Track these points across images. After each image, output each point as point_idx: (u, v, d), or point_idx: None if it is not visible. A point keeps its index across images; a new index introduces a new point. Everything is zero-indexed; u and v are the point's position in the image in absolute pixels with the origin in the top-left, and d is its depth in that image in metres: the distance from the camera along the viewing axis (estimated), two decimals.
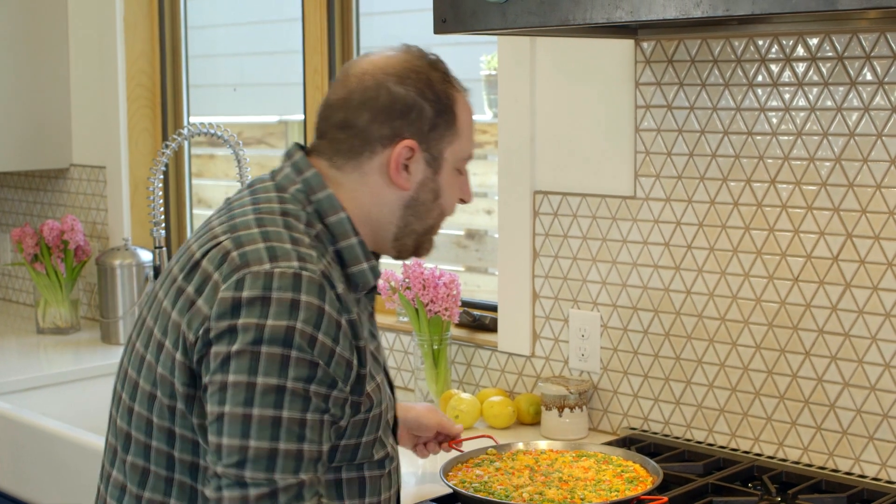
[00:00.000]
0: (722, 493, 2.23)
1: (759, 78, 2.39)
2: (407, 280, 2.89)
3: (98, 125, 4.06)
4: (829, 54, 2.29)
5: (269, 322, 1.61)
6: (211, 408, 1.63)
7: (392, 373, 3.15)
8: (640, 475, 2.21)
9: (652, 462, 2.25)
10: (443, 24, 2.26)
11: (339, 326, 1.66)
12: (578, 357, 2.74)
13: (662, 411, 2.61)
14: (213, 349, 1.63)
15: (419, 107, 1.80)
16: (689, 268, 2.53)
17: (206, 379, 1.64)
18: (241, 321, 1.62)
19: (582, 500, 2.09)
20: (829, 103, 2.30)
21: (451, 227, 3.92)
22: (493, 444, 2.38)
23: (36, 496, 2.96)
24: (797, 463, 2.39)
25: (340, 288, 1.71)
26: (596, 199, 2.68)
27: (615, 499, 2.08)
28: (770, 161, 2.39)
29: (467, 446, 2.38)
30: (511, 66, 2.82)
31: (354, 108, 1.80)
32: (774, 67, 2.36)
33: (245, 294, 1.63)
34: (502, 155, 2.86)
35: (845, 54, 2.27)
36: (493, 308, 3.02)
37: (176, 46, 4.04)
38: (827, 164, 2.31)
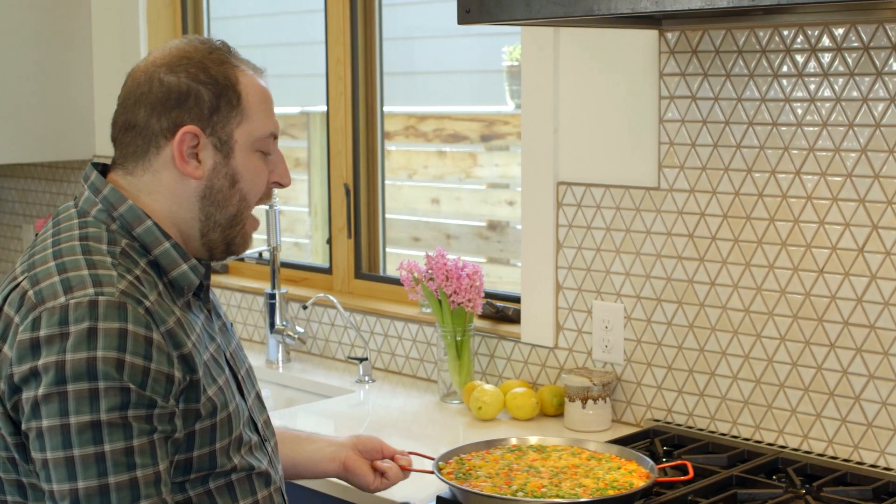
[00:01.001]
0: (746, 486, 2.23)
1: (785, 68, 2.37)
2: (430, 271, 2.89)
3: None
4: (855, 44, 2.27)
5: (69, 357, 1.55)
6: (35, 455, 1.58)
7: (415, 364, 3.15)
8: (627, 469, 2.21)
9: (651, 462, 2.21)
10: (467, 15, 2.25)
11: (149, 342, 1.60)
12: (602, 348, 2.74)
13: (686, 403, 2.60)
14: (23, 395, 1.58)
15: (195, 92, 1.74)
16: (714, 259, 2.52)
17: (23, 427, 1.59)
18: (41, 362, 1.56)
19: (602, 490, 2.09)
20: (854, 94, 2.28)
21: (473, 219, 3.92)
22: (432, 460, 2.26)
23: None
24: (822, 455, 2.38)
25: (152, 300, 1.65)
26: (620, 190, 2.67)
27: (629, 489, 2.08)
28: (795, 152, 2.38)
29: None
30: (534, 56, 2.81)
31: (131, 107, 1.76)
32: (800, 58, 2.35)
33: (42, 333, 1.58)
34: (525, 146, 2.85)
35: (871, 44, 2.25)
36: (517, 299, 3.02)
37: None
38: (853, 154, 2.30)
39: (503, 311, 3.02)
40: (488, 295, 3.06)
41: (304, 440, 2.16)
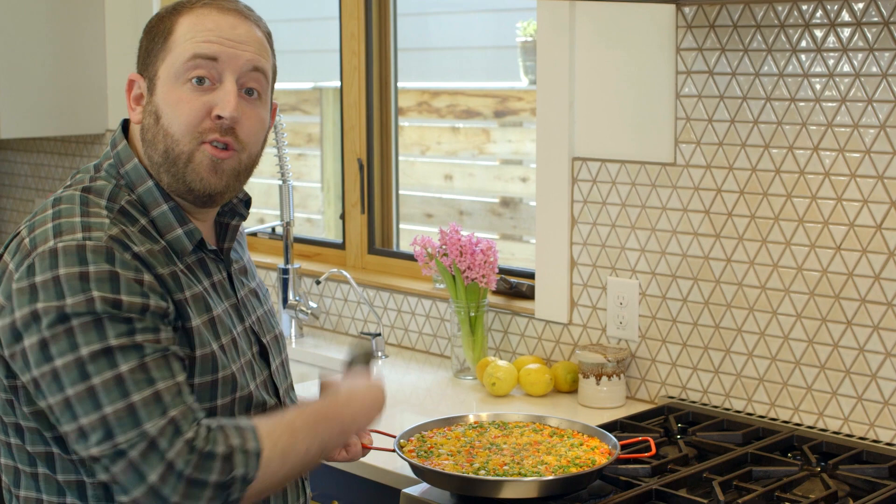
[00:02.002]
0: (761, 463, 2.22)
1: (803, 43, 2.35)
2: (444, 247, 2.88)
3: None
4: (875, 19, 2.25)
5: (69, 300, 1.58)
6: (52, 399, 1.61)
7: (428, 340, 3.14)
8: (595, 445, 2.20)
9: (614, 439, 2.18)
10: None
11: (140, 283, 1.63)
12: (616, 325, 2.72)
13: (701, 380, 2.59)
14: (26, 342, 1.61)
15: (141, 43, 1.81)
16: (730, 235, 2.50)
17: (33, 373, 1.61)
18: (40, 306, 1.59)
19: (561, 468, 2.07)
20: (874, 69, 2.26)
21: (486, 195, 3.91)
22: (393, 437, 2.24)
23: None
24: (837, 433, 2.37)
25: (144, 249, 1.67)
26: (635, 166, 2.66)
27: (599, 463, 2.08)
28: (813, 128, 2.36)
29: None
30: (550, 31, 2.79)
31: None
32: (818, 32, 2.33)
33: (37, 279, 1.60)
34: (540, 121, 2.83)
35: (891, 19, 2.23)
36: (531, 275, 3.01)
37: None
38: (871, 131, 2.28)
39: (517, 286, 3.01)
40: (502, 271, 3.05)
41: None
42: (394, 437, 2.22)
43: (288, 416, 1.74)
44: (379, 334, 3.17)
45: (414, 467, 2.11)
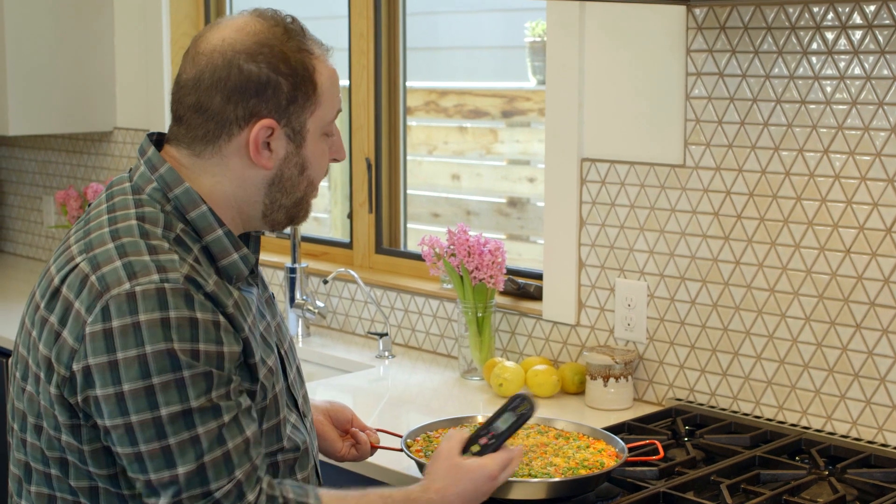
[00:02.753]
0: (769, 466, 2.21)
1: (814, 45, 2.35)
2: (452, 247, 2.88)
3: (142, 88, 4.06)
4: (887, 22, 2.25)
5: (148, 350, 1.57)
6: (123, 449, 1.61)
7: (435, 340, 3.14)
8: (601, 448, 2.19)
9: (621, 443, 2.18)
10: None
11: (217, 326, 1.63)
12: (624, 326, 2.72)
13: (709, 382, 2.58)
14: (100, 392, 1.59)
15: (274, 83, 1.72)
16: (739, 238, 2.50)
17: (106, 422, 1.60)
18: (120, 356, 1.57)
19: (571, 470, 2.07)
20: (885, 72, 2.26)
21: (493, 196, 3.90)
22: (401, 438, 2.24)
23: None
24: (846, 437, 2.36)
25: (210, 284, 1.66)
26: (644, 168, 2.65)
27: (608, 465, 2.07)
28: (823, 130, 2.35)
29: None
30: (559, 31, 2.78)
31: (206, 90, 1.72)
32: (830, 35, 2.32)
33: (114, 324, 1.58)
34: (549, 122, 2.83)
35: None
36: (538, 276, 3.00)
37: (221, 9, 4.03)
38: (882, 134, 2.27)
39: (525, 287, 3.00)
40: (510, 271, 3.04)
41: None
42: (400, 436, 2.21)
43: (361, 497, 1.77)
44: (386, 334, 3.17)
45: (421, 467, 2.10)
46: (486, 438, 1.90)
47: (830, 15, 2.32)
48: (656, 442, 2.23)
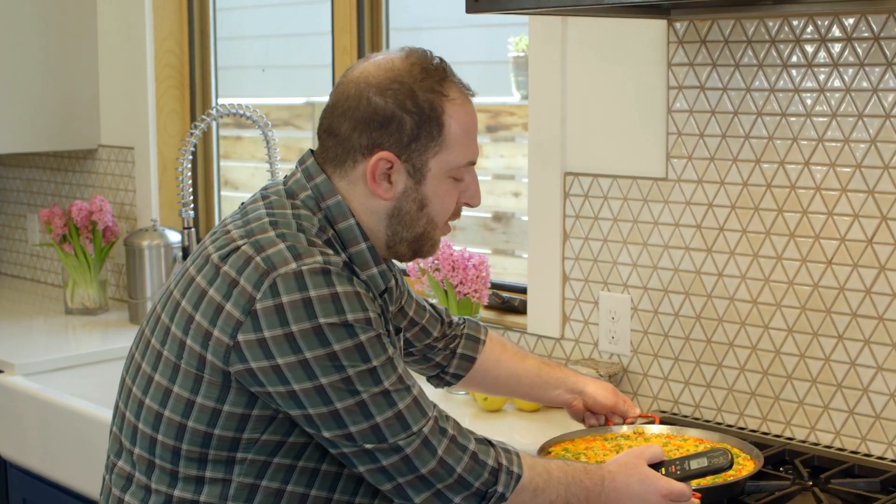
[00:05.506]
0: (753, 477, 2.21)
1: (794, 58, 2.36)
2: (436, 262, 2.88)
3: (126, 106, 4.06)
4: (866, 34, 2.26)
5: (323, 321, 1.68)
6: (315, 410, 1.71)
7: None
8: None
9: (756, 449, 2.20)
10: (475, 4, 2.24)
11: (373, 299, 1.78)
12: (608, 339, 2.73)
13: (693, 394, 2.59)
14: (280, 361, 1.69)
15: (398, 118, 1.80)
16: (721, 250, 2.51)
17: (292, 387, 1.70)
18: (295, 328, 1.68)
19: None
20: (864, 84, 2.27)
21: (478, 211, 3.91)
22: (654, 421, 2.39)
23: (63, 475, 2.97)
24: (829, 447, 2.37)
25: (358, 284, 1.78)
26: (627, 181, 2.66)
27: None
28: (804, 143, 2.37)
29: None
30: (542, 46, 2.80)
31: (338, 116, 1.83)
32: (809, 48, 2.34)
33: (285, 299, 1.68)
34: (532, 136, 2.84)
35: (882, 34, 2.24)
36: (523, 290, 3.01)
37: (204, 27, 4.04)
38: (862, 145, 2.29)
39: (509, 301, 3.01)
40: (494, 286, 3.05)
41: (552, 385, 2.34)
42: (655, 419, 2.39)
43: (549, 462, 1.88)
44: None
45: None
46: (674, 467, 1.96)
47: (810, 28, 2.33)
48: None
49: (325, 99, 1.89)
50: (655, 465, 1.95)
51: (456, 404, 2.84)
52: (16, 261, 4.61)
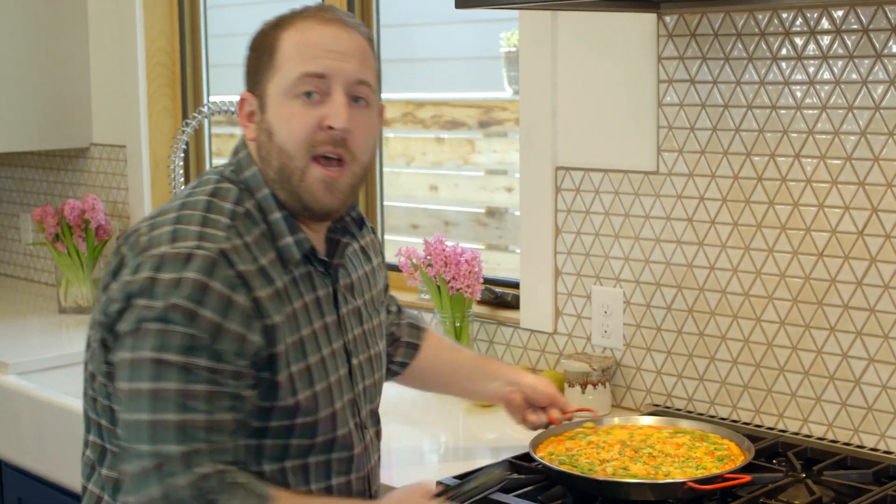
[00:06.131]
0: (746, 469, 2.22)
1: (784, 51, 2.36)
2: (429, 257, 2.88)
3: (118, 104, 4.06)
4: (855, 27, 2.26)
5: (155, 302, 1.65)
6: (117, 385, 1.71)
7: None
8: (733, 453, 2.17)
9: (747, 441, 2.20)
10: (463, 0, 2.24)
11: (228, 302, 1.67)
12: (601, 333, 2.73)
13: (686, 387, 2.59)
14: (117, 328, 1.71)
15: (247, 60, 1.86)
16: (713, 243, 2.51)
17: (115, 356, 1.70)
18: (135, 301, 1.67)
19: (666, 475, 2.06)
20: (854, 76, 2.28)
21: (472, 206, 3.91)
22: (592, 417, 2.39)
23: (58, 474, 2.96)
24: (822, 439, 2.38)
25: (257, 266, 1.72)
26: (618, 175, 2.66)
27: (698, 476, 2.06)
28: (794, 135, 2.37)
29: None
30: (532, 41, 2.80)
31: None
32: (799, 40, 2.34)
33: (141, 275, 1.68)
34: (524, 131, 2.84)
35: (871, 27, 2.24)
36: (515, 285, 3.01)
37: (195, 25, 4.03)
38: (852, 137, 2.29)
39: (502, 296, 3.01)
40: (487, 281, 3.05)
41: (489, 377, 2.33)
42: (594, 413, 2.44)
43: (310, 502, 1.77)
44: None
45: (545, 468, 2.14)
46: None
47: (799, 21, 2.33)
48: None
49: None
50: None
51: (450, 400, 2.83)
52: (9, 260, 4.61)
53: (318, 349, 1.82)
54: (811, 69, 2.33)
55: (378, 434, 2.02)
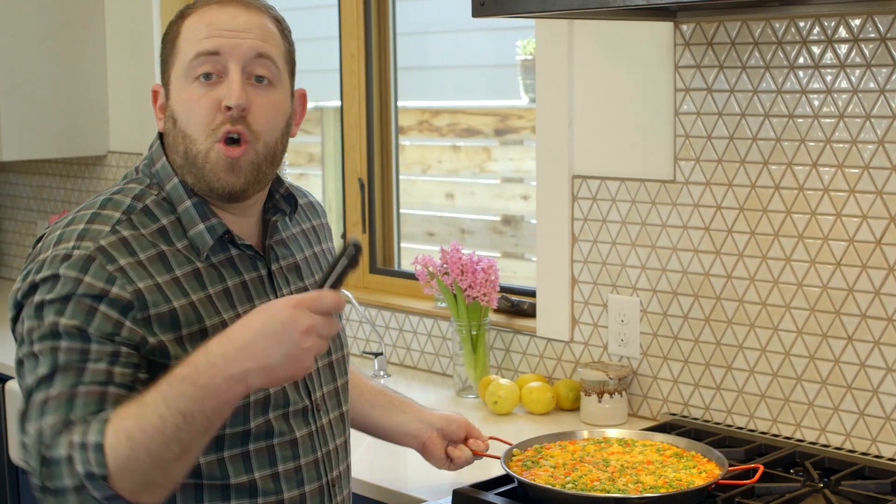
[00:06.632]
0: (763, 479, 2.21)
1: (801, 60, 2.36)
2: (445, 265, 2.89)
3: (135, 112, 4.07)
4: (872, 35, 2.26)
5: (34, 299, 1.66)
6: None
7: (430, 359, 3.15)
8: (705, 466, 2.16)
9: (721, 456, 2.16)
10: (481, 8, 2.24)
11: (102, 294, 1.65)
12: (618, 342, 2.73)
13: (703, 397, 2.59)
14: (14, 335, 1.73)
15: (160, 53, 1.86)
16: (730, 252, 2.51)
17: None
18: (24, 304, 1.69)
19: (655, 485, 2.05)
20: (871, 85, 2.27)
21: (487, 214, 3.91)
22: (509, 446, 2.24)
23: None
24: (840, 449, 2.37)
25: (139, 259, 1.69)
26: (635, 184, 2.66)
27: (704, 482, 2.04)
28: (812, 144, 2.36)
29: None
30: (549, 49, 2.80)
31: None
32: (816, 49, 2.34)
33: (27, 280, 1.69)
34: (540, 139, 2.84)
35: (888, 35, 2.24)
36: (532, 293, 3.01)
37: None
38: (870, 146, 2.28)
39: (518, 305, 3.01)
40: (503, 289, 3.05)
41: (396, 408, 2.21)
42: (510, 444, 2.23)
43: (145, 394, 1.59)
44: (381, 353, 3.17)
45: (516, 480, 2.10)
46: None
47: (816, 29, 2.33)
48: (760, 466, 2.19)
49: (334, 104, 1.87)
50: None
51: (466, 408, 2.84)
52: None
53: None
54: (829, 78, 2.33)
55: (342, 417, 1.95)
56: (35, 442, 1.59)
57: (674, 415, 2.63)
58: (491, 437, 2.25)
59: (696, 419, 2.59)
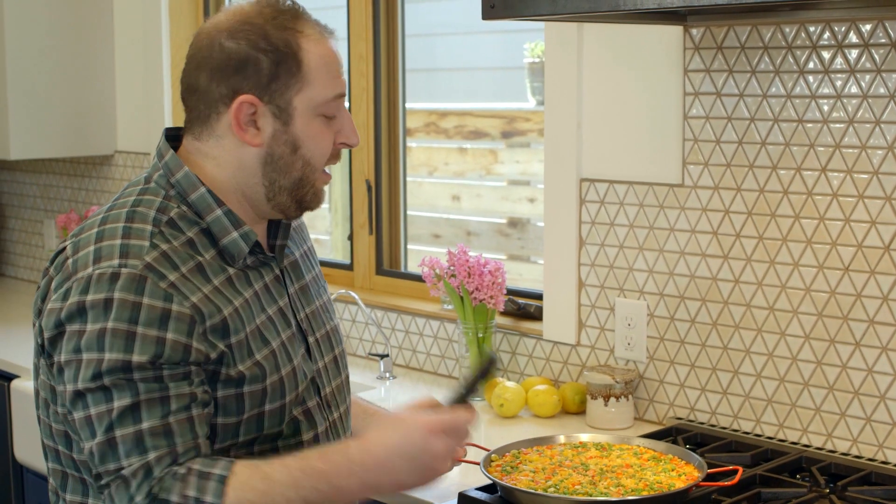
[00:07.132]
0: (770, 485, 2.21)
1: (811, 65, 2.36)
2: (452, 268, 2.88)
3: (142, 112, 4.07)
4: (883, 41, 2.26)
5: (88, 328, 1.63)
6: (69, 413, 1.68)
7: (436, 361, 3.14)
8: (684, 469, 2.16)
9: (700, 459, 2.17)
10: (491, 10, 2.24)
11: (166, 314, 1.65)
12: (624, 346, 2.72)
13: (709, 401, 2.59)
14: (55, 358, 1.68)
15: (254, 59, 1.74)
16: (738, 256, 2.50)
17: (59, 386, 1.69)
18: (67, 328, 1.65)
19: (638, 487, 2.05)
20: (882, 90, 2.27)
21: (494, 216, 3.91)
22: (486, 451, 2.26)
23: None
24: (846, 454, 2.36)
25: (182, 273, 1.68)
26: (643, 187, 2.66)
27: (685, 484, 2.05)
28: (821, 149, 2.36)
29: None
30: (558, 52, 2.80)
31: (193, 71, 1.78)
32: (826, 54, 2.34)
33: (69, 301, 1.65)
34: (548, 142, 2.84)
35: None
36: (538, 296, 3.01)
37: None
38: (879, 152, 2.28)
39: (525, 307, 3.01)
40: (510, 292, 3.05)
41: (372, 416, 2.17)
42: (488, 450, 2.24)
43: (273, 464, 1.67)
44: (387, 355, 3.17)
45: (497, 486, 2.10)
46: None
47: (826, 34, 2.33)
48: (739, 468, 2.19)
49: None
50: None
51: None
52: (33, 266, 4.63)
53: (277, 333, 1.80)
54: (838, 83, 2.32)
55: (344, 413, 1.97)
56: (143, 478, 1.61)
57: (680, 419, 2.63)
58: (467, 444, 2.18)
59: (702, 423, 2.58)
